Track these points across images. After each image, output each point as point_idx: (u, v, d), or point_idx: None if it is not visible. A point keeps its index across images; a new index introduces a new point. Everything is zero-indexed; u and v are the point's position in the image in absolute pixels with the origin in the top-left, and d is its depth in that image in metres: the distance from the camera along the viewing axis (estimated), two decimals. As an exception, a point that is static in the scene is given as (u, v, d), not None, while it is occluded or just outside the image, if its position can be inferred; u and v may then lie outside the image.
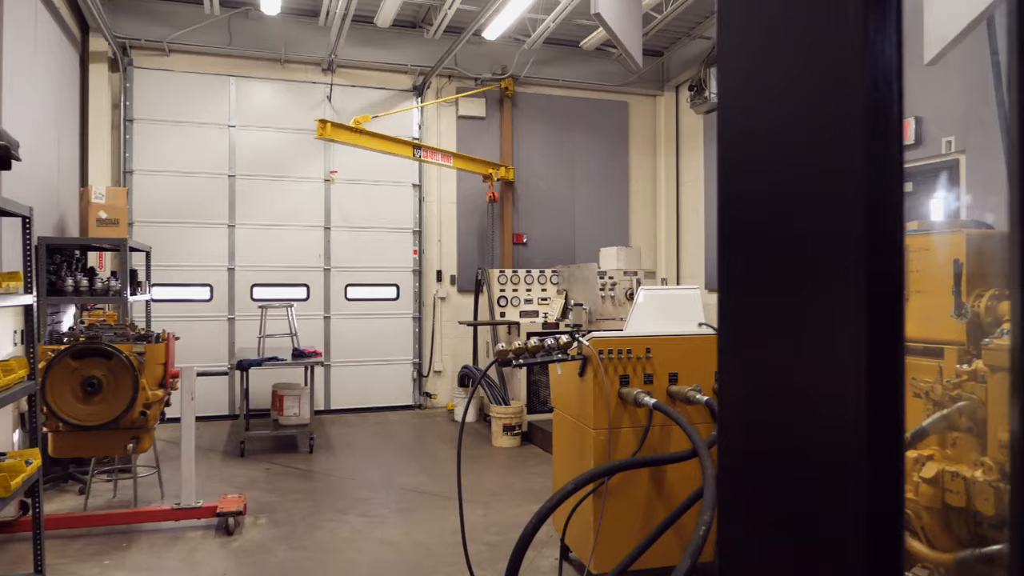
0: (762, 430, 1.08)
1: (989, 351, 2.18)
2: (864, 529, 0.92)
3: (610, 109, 11.70)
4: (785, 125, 1.03)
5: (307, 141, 9.95)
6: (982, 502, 2.10)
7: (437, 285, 10.76)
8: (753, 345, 1.08)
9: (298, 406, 8.22)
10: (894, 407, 0.96)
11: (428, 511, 5.84)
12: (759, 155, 1.05)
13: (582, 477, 3.06)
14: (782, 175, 1.02)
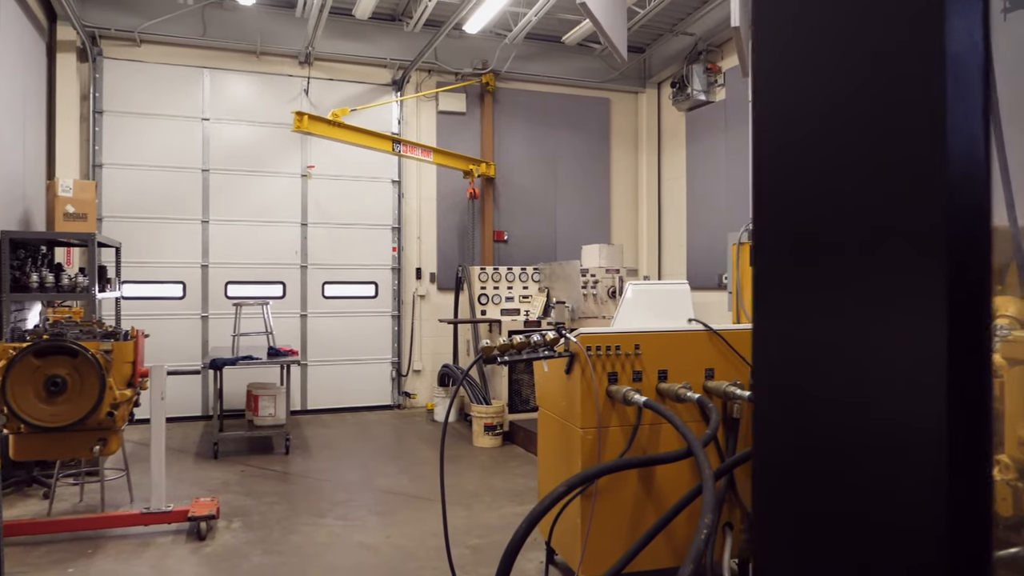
0: (815, 437, 0.95)
1: (1008, 344, 2.08)
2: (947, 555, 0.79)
3: (592, 106, 11.60)
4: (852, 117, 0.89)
5: (283, 135, 9.73)
6: (999, 502, 1.99)
7: (416, 283, 10.59)
8: (798, 341, 0.95)
9: (274, 406, 8.01)
10: (981, 418, 0.84)
11: (408, 513, 5.68)
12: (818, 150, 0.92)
13: (574, 479, 2.92)
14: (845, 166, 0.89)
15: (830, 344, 0.87)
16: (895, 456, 0.80)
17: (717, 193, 10.36)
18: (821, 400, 0.89)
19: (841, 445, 0.86)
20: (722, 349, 4.12)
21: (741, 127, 9.72)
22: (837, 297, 0.87)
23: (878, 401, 0.81)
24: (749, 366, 4.14)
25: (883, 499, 0.81)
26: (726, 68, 10.21)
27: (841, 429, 0.86)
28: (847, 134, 0.86)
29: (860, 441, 0.84)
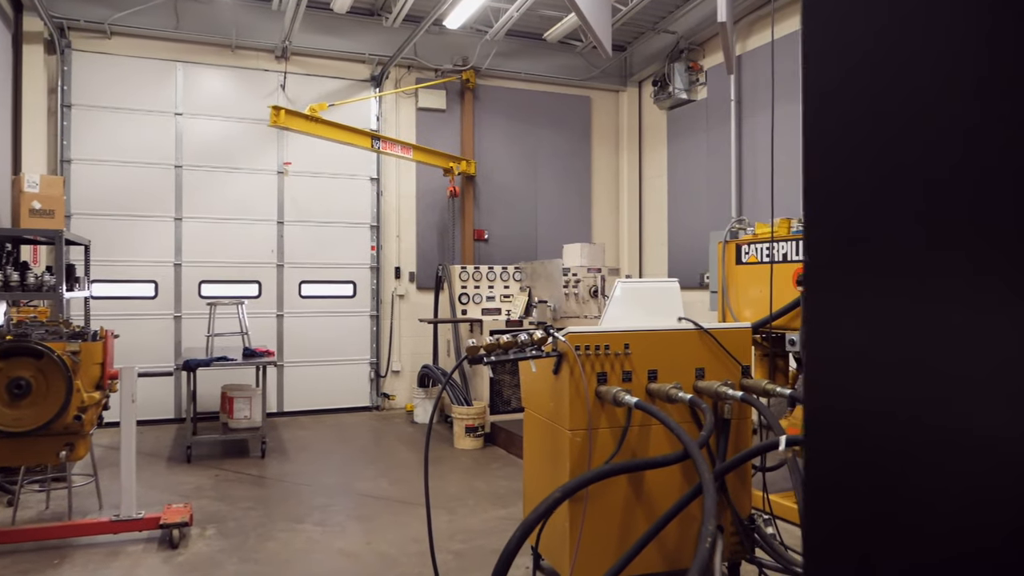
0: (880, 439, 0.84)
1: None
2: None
3: (573, 104, 11.52)
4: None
5: (259, 131, 9.52)
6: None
7: (395, 282, 10.43)
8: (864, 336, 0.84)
9: (249, 408, 7.82)
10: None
11: (389, 518, 5.53)
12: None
13: (570, 485, 2.81)
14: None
15: (917, 348, 0.75)
16: (988, 476, 0.69)
17: (698, 192, 10.32)
18: (891, 411, 0.77)
19: (916, 461, 0.75)
20: (713, 348, 4.03)
21: (722, 126, 9.69)
22: (909, 293, 0.75)
23: (968, 412, 0.70)
24: (740, 365, 4.06)
25: (970, 526, 0.70)
26: (708, 67, 10.18)
27: (918, 444, 0.75)
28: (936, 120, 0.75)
29: (940, 458, 0.73)
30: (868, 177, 0.80)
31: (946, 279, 0.73)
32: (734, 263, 5.97)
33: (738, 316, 5.85)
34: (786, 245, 5.40)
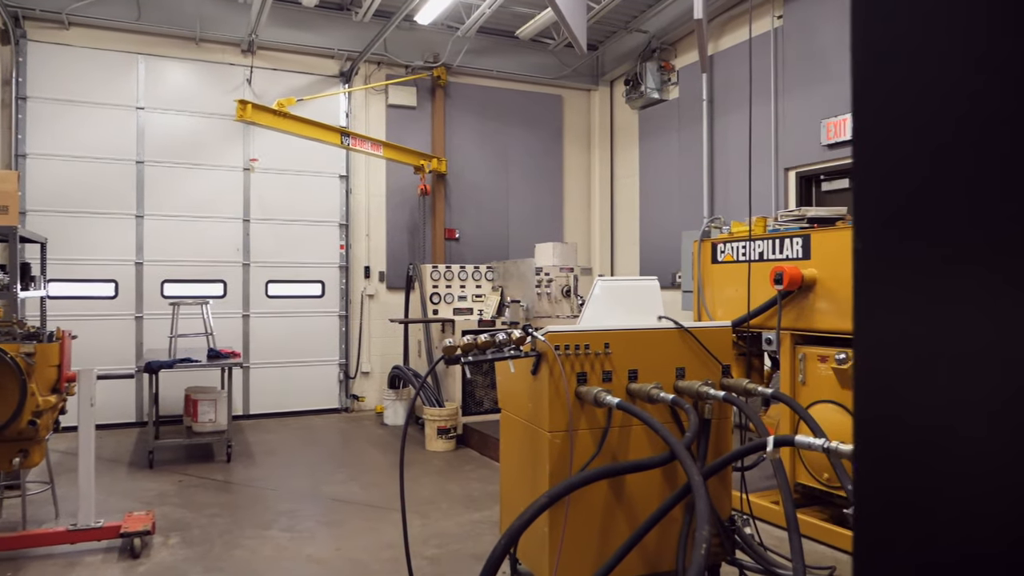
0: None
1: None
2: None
3: (544, 103, 11.45)
4: None
5: (225, 126, 9.28)
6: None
7: (365, 282, 10.25)
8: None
9: (214, 411, 7.59)
10: None
11: (360, 523, 5.38)
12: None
13: (557, 489, 2.71)
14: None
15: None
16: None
17: (670, 192, 10.31)
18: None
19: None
20: (693, 347, 3.97)
21: (694, 125, 9.69)
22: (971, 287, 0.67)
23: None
24: (721, 365, 4.01)
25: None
26: (679, 66, 10.18)
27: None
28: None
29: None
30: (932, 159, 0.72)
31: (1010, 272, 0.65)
32: (709, 262, 5.93)
33: (713, 315, 5.82)
34: (762, 244, 5.37)
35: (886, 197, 0.73)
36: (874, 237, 0.74)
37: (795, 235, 5.12)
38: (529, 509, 2.54)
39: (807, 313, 5.03)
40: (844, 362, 4.67)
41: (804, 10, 8.06)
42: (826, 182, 8.10)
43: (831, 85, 7.74)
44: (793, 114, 8.19)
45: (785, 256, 5.18)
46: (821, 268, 4.95)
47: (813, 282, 4.96)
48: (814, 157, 7.97)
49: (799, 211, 5.26)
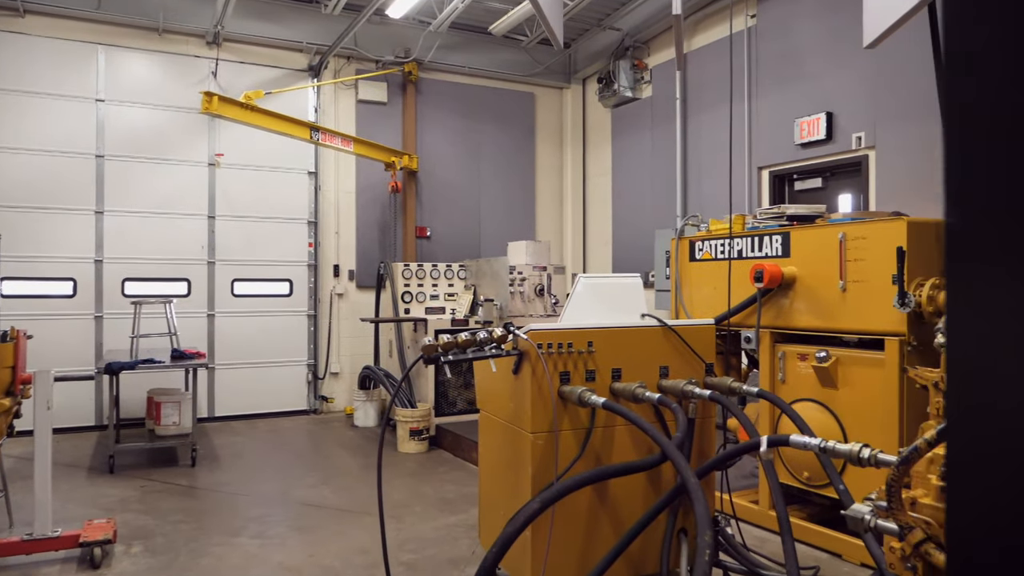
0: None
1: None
2: None
3: (517, 100, 11.35)
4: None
5: (189, 120, 9.01)
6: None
7: (334, 280, 10.04)
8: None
9: (178, 414, 7.35)
10: None
11: (332, 528, 5.22)
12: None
13: (549, 494, 2.61)
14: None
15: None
16: None
17: (642, 190, 10.28)
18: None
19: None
20: (677, 346, 3.89)
21: (667, 124, 9.67)
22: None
23: None
24: (704, 363, 3.94)
25: None
26: (653, 65, 10.15)
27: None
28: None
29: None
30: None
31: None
32: (687, 260, 5.88)
33: (691, 313, 5.77)
34: (742, 241, 5.33)
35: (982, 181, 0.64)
36: (968, 216, 0.65)
37: (774, 233, 5.08)
38: (520, 515, 2.43)
39: (786, 311, 5.00)
40: (825, 360, 4.65)
41: (778, 9, 8.07)
42: (799, 181, 8.12)
43: (804, 85, 7.76)
44: (766, 113, 8.20)
45: (764, 254, 5.15)
46: (801, 266, 4.92)
47: (793, 280, 4.93)
48: (787, 156, 7.99)
49: (778, 209, 5.23)
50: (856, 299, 4.56)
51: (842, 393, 4.66)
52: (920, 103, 6.63)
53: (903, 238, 4.28)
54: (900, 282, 4.19)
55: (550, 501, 2.53)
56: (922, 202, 6.44)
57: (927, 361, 4.40)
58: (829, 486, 4.72)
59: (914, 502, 2.11)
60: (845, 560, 4.55)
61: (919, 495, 2.12)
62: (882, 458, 2.26)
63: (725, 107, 8.79)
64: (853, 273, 4.57)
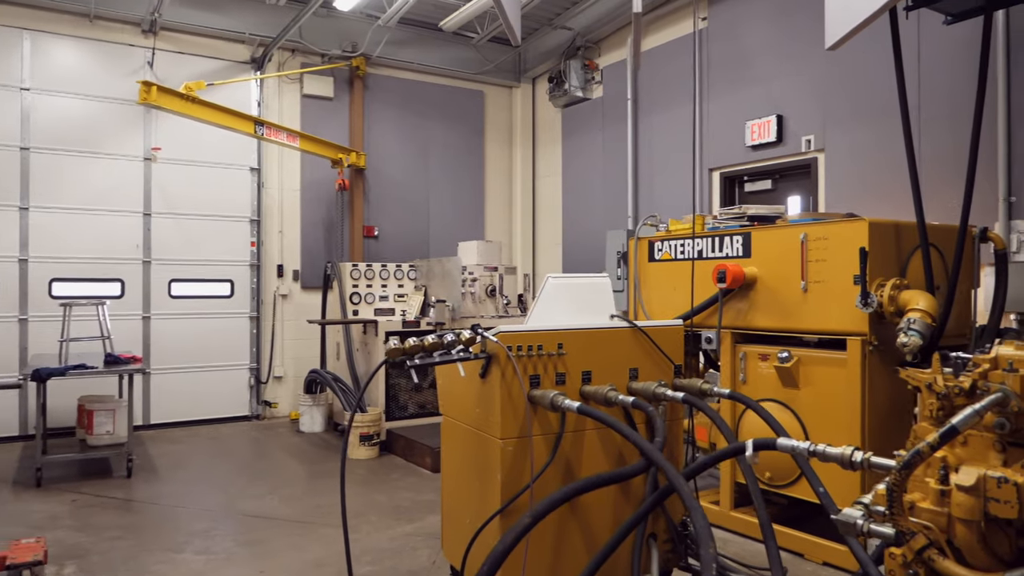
0: None
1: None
2: None
3: (466, 98, 11.19)
4: None
5: (123, 112, 8.56)
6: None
7: (278, 281, 9.70)
8: None
9: (112, 422, 6.96)
10: None
11: (283, 541, 4.98)
12: None
13: (540, 508, 2.47)
14: None
15: None
16: None
17: (593, 191, 10.26)
18: None
19: None
20: (646, 347, 3.81)
21: (618, 125, 9.66)
22: None
23: None
24: (674, 365, 3.87)
25: None
26: (604, 65, 10.13)
27: None
28: None
29: None
30: None
31: None
32: (646, 260, 5.84)
33: (651, 314, 5.72)
34: (702, 242, 5.31)
35: None
36: None
37: (735, 233, 5.07)
38: (512, 531, 2.29)
39: (747, 312, 5.00)
40: (787, 360, 4.65)
41: (729, 12, 8.14)
42: (749, 182, 8.20)
43: (755, 87, 7.84)
44: (718, 115, 8.25)
45: (725, 254, 5.13)
46: (762, 266, 4.92)
47: (754, 280, 4.92)
48: (738, 158, 8.06)
49: (739, 209, 5.22)
50: (817, 299, 4.58)
51: (804, 393, 4.67)
52: (868, 107, 6.75)
53: (864, 239, 4.30)
54: (863, 282, 4.22)
55: (541, 515, 2.41)
56: (871, 203, 6.56)
57: (888, 361, 4.45)
58: (790, 486, 4.73)
59: (912, 506, 2.06)
60: (807, 559, 4.56)
61: (917, 499, 2.07)
62: (875, 461, 2.21)
63: (676, 108, 8.83)
64: (814, 273, 4.59)
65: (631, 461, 3.75)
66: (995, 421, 1.95)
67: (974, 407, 1.91)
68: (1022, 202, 5.76)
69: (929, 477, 2.04)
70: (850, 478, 4.24)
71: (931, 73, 6.24)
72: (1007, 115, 5.80)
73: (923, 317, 4.05)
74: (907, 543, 1.98)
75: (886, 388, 4.44)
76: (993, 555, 1.89)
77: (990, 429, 2.00)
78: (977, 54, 5.62)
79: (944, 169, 5.99)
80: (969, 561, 1.91)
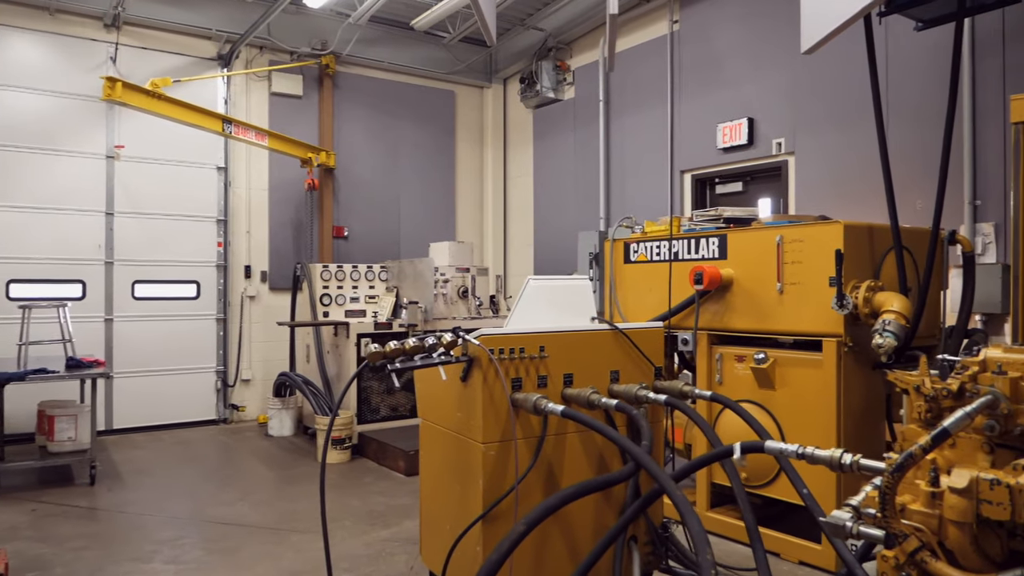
0: None
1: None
2: None
3: (437, 98, 11.11)
4: None
5: (85, 108, 8.33)
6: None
7: (245, 282, 9.52)
8: None
9: (74, 428, 6.75)
10: None
11: (255, 548, 4.87)
12: None
13: (533, 516, 2.43)
14: None
15: None
16: None
17: (565, 192, 10.26)
18: None
19: None
20: (626, 349, 3.80)
21: (590, 126, 9.68)
22: None
23: None
24: (655, 367, 3.87)
25: None
26: (575, 66, 10.15)
27: None
28: None
29: None
30: None
31: None
32: (622, 262, 5.84)
33: (626, 316, 5.73)
34: (678, 243, 5.33)
35: None
36: None
37: (712, 235, 5.10)
38: (507, 540, 2.25)
39: (723, 313, 5.02)
40: (763, 362, 4.68)
41: (701, 15, 8.20)
42: (720, 185, 8.27)
43: (726, 90, 7.90)
44: (690, 117, 8.31)
45: (701, 256, 5.16)
46: (737, 268, 4.95)
47: (730, 282, 4.95)
48: (710, 160, 8.13)
49: (715, 211, 5.25)
50: (793, 301, 4.61)
51: (779, 394, 4.70)
52: (837, 110, 6.85)
53: (840, 241, 4.35)
54: (838, 284, 4.26)
55: (535, 521, 2.37)
56: (840, 206, 6.66)
57: (862, 362, 4.50)
58: (766, 486, 4.76)
59: (903, 508, 2.07)
60: (783, 559, 4.59)
61: (907, 501, 2.08)
62: (864, 464, 2.22)
63: (648, 110, 8.88)
64: (790, 275, 4.62)
65: (612, 463, 3.74)
66: (985, 423, 1.97)
67: (966, 409, 1.92)
68: (987, 205, 5.89)
69: (919, 479, 2.05)
70: (826, 479, 4.29)
71: (897, 78, 6.35)
72: (972, 120, 5.93)
73: (897, 319, 4.10)
74: (899, 545, 1.99)
75: (860, 389, 4.50)
76: (985, 557, 1.90)
77: (979, 431, 2.02)
78: (942, 60, 5.74)
79: (910, 172, 6.10)
80: (961, 563, 1.92)
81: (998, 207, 5.79)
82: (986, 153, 5.87)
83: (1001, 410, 1.94)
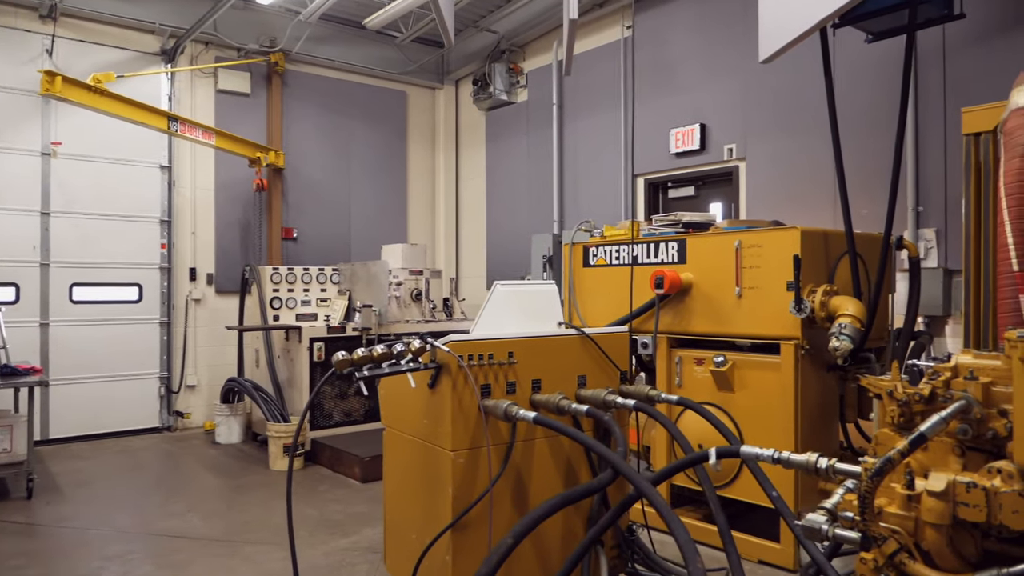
0: None
1: (1015, 345, 1.93)
2: None
3: (388, 98, 10.98)
4: None
5: (18, 103, 7.95)
6: (1010, 515, 1.84)
7: (190, 285, 9.22)
8: None
9: (9, 439, 6.40)
10: None
11: (207, 562, 4.71)
12: None
13: (520, 527, 2.40)
14: None
15: None
16: None
17: (518, 194, 10.26)
18: None
19: None
20: (593, 354, 3.82)
21: (543, 129, 9.71)
22: None
23: None
24: (620, 372, 3.89)
25: None
26: (528, 69, 10.16)
27: None
28: None
29: None
30: None
31: None
32: (580, 266, 5.86)
33: (586, 319, 5.75)
34: (637, 247, 5.37)
35: None
36: None
37: (671, 239, 5.15)
38: (495, 553, 2.22)
39: (683, 317, 5.08)
40: (723, 365, 4.75)
41: (654, 21, 8.30)
42: (673, 189, 8.39)
43: (679, 96, 8.02)
44: (642, 122, 8.40)
45: (661, 260, 5.21)
46: (697, 272, 5.01)
47: (690, 286, 5.01)
48: (663, 165, 8.23)
49: (674, 216, 5.31)
50: (751, 305, 4.70)
51: (738, 396, 4.78)
52: (787, 118, 7.02)
53: (797, 246, 4.45)
54: (796, 288, 4.35)
55: (523, 533, 2.34)
56: (789, 211, 6.82)
57: (818, 364, 4.62)
58: (726, 487, 4.83)
59: (879, 511, 2.11)
60: (744, 559, 4.66)
61: (883, 504, 2.13)
62: (840, 467, 2.26)
63: (602, 114, 8.95)
64: (749, 280, 4.71)
65: (579, 468, 3.74)
66: (958, 427, 2.03)
67: (942, 415, 1.97)
68: (928, 211, 6.11)
69: (894, 482, 2.10)
70: (784, 479, 4.38)
71: (844, 88, 6.54)
72: (915, 130, 6.15)
73: (853, 322, 4.21)
74: (877, 547, 2.03)
75: (816, 390, 4.62)
76: (960, 557, 1.96)
77: (952, 435, 2.07)
78: (889, 71, 5.94)
79: (855, 180, 6.26)
80: (938, 564, 1.98)
81: (939, 213, 6.01)
82: (928, 161, 6.09)
83: (974, 415, 2.00)
